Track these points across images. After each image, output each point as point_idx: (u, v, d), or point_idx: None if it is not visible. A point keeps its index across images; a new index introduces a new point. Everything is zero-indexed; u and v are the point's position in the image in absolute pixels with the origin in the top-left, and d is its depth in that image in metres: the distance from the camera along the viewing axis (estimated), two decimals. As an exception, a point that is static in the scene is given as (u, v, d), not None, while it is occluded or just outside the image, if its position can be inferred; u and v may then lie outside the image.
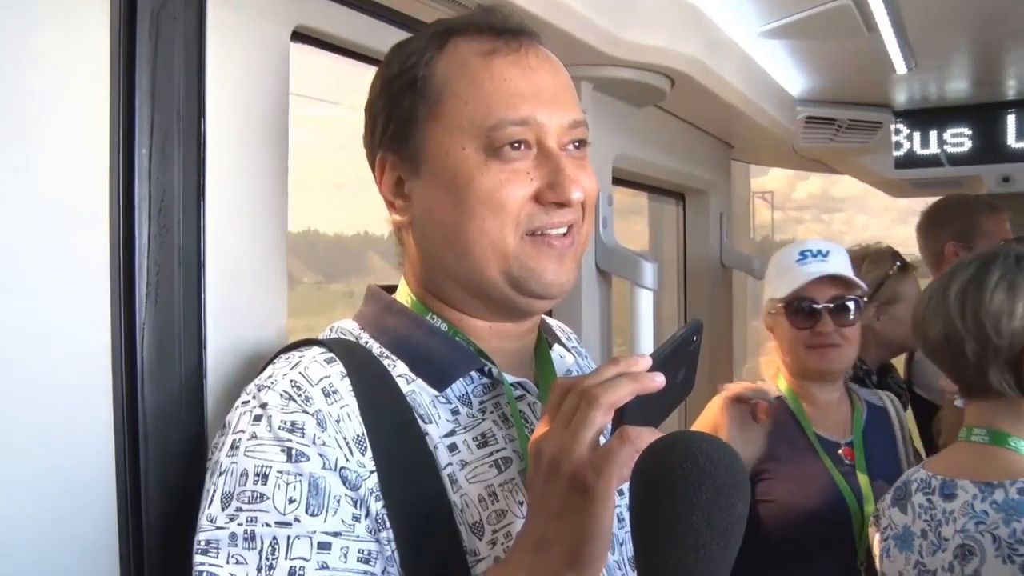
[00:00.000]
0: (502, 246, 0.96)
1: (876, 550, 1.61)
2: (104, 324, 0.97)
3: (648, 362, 0.86)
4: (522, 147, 0.96)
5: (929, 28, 2.41)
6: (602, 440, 0.83)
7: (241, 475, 0.86)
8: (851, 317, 2.00)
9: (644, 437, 0.80)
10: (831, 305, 1.98)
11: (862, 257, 2.49)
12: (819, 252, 2.04)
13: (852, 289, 2.02)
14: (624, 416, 0.83)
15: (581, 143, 1.01)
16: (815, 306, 1.99)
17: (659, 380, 0.84)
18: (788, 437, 1.98)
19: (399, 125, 1.00)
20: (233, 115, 1.11)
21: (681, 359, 0.93)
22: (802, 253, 2.04)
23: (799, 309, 2.00)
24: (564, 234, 0.99)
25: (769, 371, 2.15)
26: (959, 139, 3.47)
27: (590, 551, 0.80)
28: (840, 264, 2.04)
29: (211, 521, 0.86)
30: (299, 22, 1.22)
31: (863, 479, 1.95)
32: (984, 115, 3.43)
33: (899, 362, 2.80)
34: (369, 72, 1.08)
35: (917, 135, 3.51)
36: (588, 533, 0.80)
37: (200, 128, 1.06)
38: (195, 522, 0.88)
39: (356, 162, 1.09)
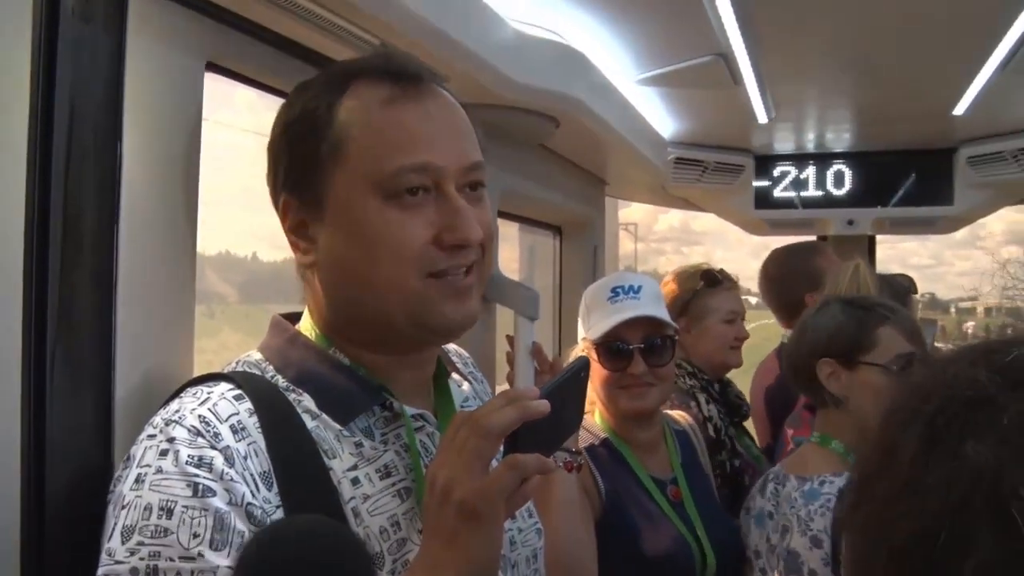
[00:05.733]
0: (405, 289, 0.98)
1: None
2: (15, 344, 0.96)
3: (534, 392, 0.91)
4: (420, 192, 0.98)
5: (787, 84, 2.65)
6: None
7: (145, 509, 0.85)
8: (663, 357, 1.90)
9: (529, 464, 0.87)
10: (643, 346, 1.88)
11: (675, 276, 2.58)
12: (631, 288, 1.93)
13: (664, 328, 1.91)
14: (516, 445, 0.89)
15: (478, 184, 1.04)
16: (627, 347, 1.89)
17: (542, 406, 0.90)
18: (623, 484, 1.87)
19: (301, 170, 1.01)
20: (148, 138, 1.13)
21: (569, 392, 1.00)
22: (614, 290, 1.94)
23: (611, 350, 1.90)
24: (466, 273, 1.02)
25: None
26: (810, 184, 3.78)
27: (480, 575, 0.85)
28: (650, 301, 1.93)
29: (110, 555, 0.84)
30: (212, 53, 1.24)
31: (697, 523, 1.89)
32: (832, 163, 3.75)
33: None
34: (250, 95, 1.09)
35: (774, 179, 3.80)
36: (477, 557, 0.85)
37: (117, 149, 1.07)
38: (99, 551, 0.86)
39: (226, 180, 1.09)
